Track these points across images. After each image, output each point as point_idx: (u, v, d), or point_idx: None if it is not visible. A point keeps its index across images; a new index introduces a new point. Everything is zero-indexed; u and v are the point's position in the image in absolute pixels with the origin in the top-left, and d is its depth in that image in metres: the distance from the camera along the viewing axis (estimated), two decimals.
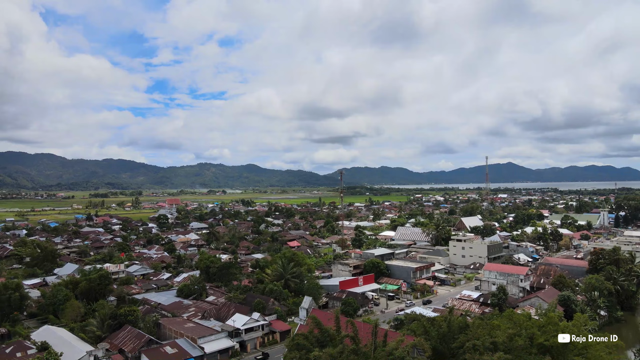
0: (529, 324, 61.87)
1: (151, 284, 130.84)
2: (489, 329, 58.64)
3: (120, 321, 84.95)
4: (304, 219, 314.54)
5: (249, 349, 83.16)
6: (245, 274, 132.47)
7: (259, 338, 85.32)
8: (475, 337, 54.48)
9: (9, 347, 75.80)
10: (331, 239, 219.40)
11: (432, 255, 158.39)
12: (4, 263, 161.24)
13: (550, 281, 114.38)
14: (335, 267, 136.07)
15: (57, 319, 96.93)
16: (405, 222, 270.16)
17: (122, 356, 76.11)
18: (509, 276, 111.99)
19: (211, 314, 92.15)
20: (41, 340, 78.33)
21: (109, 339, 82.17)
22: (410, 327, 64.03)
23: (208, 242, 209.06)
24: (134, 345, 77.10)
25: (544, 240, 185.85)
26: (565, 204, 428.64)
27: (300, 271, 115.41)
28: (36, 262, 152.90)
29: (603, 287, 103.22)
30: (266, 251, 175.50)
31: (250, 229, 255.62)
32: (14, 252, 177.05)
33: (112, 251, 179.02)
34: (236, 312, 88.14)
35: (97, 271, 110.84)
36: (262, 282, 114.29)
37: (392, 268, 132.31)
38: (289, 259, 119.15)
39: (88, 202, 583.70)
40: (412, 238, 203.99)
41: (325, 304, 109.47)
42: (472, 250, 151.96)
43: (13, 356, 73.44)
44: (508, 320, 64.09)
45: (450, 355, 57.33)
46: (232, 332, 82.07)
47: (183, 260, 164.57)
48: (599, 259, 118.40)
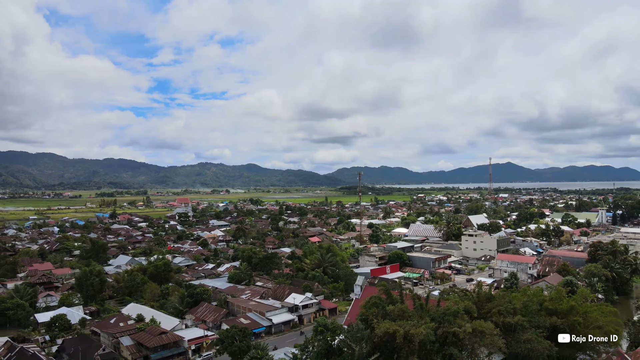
0: (542, 297, 78.58)
1: (199, 273, 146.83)
2: (509, 299, 75.09)
3: (197, 299, 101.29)
4: (318, 217, 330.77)
5: (305, 322, 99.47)
6: (284, 264, 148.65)
7: (312, 313, 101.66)
8: (499, 305, 70.89)
9: (112, 319, 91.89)
10: (348, 235, 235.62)
11: (446, 249, 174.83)
12: (56, 256, 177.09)
13: (554, 269, 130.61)
14: (363, 258, 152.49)
15: (131, 299, 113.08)
16: (415, 220, 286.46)
17: (205, 325, 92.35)
18: (519, 264, 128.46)
19: (269, 294, 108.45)
20: (127, 314, 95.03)
21: (189, 312, 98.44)
22: (448, 297, 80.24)
23: (235, 237, 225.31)
24: (215, 317, 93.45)
25: (547, 236, 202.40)
26: (565, 203, 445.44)
27: (336, 260, 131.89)
28: (89, 254, 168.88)
29: (601, 274, 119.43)
30: (293, 245, 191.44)
31: (269, 226, 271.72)
32: (63, 245, 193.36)
33: (151, 245, 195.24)
34: (291, 292, 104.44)
35: (161, 260, 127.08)
36: (303, 270, 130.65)
37: (413, 259, 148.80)
38: (326, 250, 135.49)
39: (101, 201, 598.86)
40: (425, 234, 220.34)
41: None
42: (483, 244, 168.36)
43: (117, 325, 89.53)
44: (523, 294, 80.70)
45: (480, 318, 73.58)
46: (292, 308, 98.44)
47: (219, 253, 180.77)
48: (597, 250, 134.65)
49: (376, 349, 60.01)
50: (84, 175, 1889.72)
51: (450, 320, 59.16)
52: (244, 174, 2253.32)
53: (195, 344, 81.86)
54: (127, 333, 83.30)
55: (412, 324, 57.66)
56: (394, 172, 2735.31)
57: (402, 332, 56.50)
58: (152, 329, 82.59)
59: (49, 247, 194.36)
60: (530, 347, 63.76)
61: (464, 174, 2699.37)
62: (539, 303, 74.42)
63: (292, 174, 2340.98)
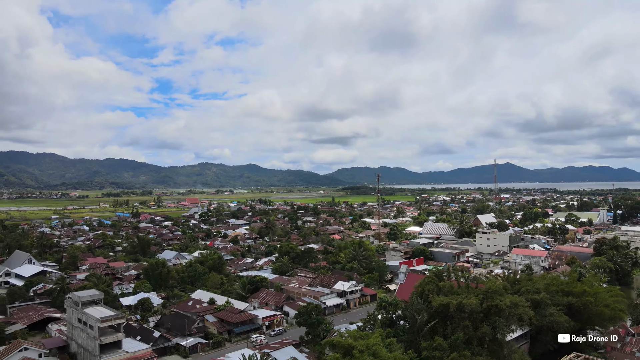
0: (559, 281, 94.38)
1: (241, 266, 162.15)
2: (533, 282, 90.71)
3: (257, 286, 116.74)
4: (332, 217, 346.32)
5: (352, 306, 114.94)
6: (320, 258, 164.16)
7: (357, 299, 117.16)
8: (526, 285, 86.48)
9: (189, 302, 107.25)
10: (366, 233, 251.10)
11: (461, 245, 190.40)
12: (103, 251, 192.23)
13: (563, 262, 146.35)
14: (389, 253, 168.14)
15: (192, 287, 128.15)
16: (426, 219, 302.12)
17: (268, 307, 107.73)
18: (532, 258, 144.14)
19: (316, 282, 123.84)
20: (194, 298, 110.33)
21: (251, 297, 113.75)
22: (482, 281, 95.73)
23: (261, 235, 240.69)
24: (277, 300, 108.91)
25: (553, 234, 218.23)
26: (567, 204, 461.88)
27: (368, 254, 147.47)
28: (136, 249, 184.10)
29: (605, 266, 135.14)
30: (319, 242, 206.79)
31: (289, 225, 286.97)
32: (105, 242, 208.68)
33: (187, 242, 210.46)
34: (338, 280, 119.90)
35: (215, 254, 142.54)
36: (339, 263, 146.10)
37: (435, 253, 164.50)
38: (358, 244, 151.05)
39: (114, 201, 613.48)
40: (438, 232, 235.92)
41: (390, 279, 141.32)
42: (496, 240, 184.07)
43: (194, 307, 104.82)
44: (542, 279, 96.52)
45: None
46: (341, 294, 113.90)
47: (252, 249, 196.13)
48: (602, 245, 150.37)
49: (432, 318, 75.48)
50: (85, 175, 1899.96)
51: (493, 296, 74.67)
52: (244, 174, 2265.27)
53: (267, 321, 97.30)
54: (210, 312, 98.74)
55: (463, 297, 73.22)
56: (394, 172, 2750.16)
57: (455, 303, 72.03)
58: (231, 309, 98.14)
59: (92, 243, 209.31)
60: (553, 320, 79.18)
61: (463, 174, 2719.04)
62: (557, 285, 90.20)
63: (292, 174, 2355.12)
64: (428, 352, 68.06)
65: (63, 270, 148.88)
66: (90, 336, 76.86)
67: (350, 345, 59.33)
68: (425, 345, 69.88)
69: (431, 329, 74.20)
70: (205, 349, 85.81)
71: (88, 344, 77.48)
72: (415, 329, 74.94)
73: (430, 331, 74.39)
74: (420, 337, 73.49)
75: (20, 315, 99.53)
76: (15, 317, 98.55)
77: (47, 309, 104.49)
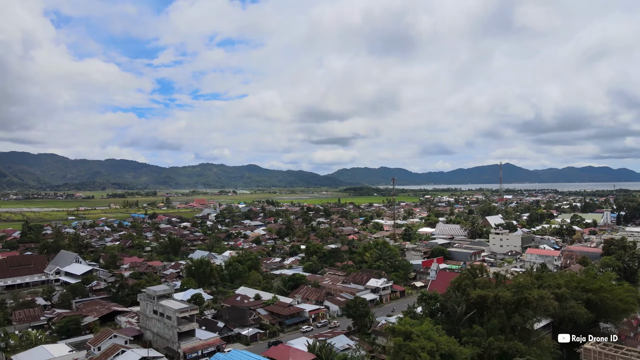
0: (577, 277, 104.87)
1: (270, 265, 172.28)
2: (554, 277, 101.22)
3: (297, 283, 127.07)
4: (343, 218, 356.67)
5: (384, 301, 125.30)
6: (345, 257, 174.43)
7: (388, 295, 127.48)
8: (548, 281, 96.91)
9: (237, 297, 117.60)
10: (380, 233, 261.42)
11: (474, 246, 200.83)
12: (135, 251, 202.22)
13: (574, 262, 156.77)
14: (409, 253, 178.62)
15: (233, 285, 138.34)
16: (436, 220, 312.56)
17: (310, 302, 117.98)
18: (546, 257, 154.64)
19: (349, 280, 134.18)
20: (240, 294, 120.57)
21: (292, 293, 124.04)
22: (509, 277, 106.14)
23: (280, 235, 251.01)
24: (317, 296, 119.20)
25: (561, 235, 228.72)
26: (569, 205, 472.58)
27: (392, 253, 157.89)
28: (167, 250, 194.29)
29: (614, 265, 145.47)
30: (339, 243, 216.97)
31: (304, 226, 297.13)
32: (135, 242, 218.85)
33: (212, 243, 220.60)
34: (370, 278, 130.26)
35: (251, 254, 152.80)
36: (366, 262, 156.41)
37: (453, 253, 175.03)
38: (383, 245, 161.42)
39: (124, 202, 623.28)
40: (451, 233, 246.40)
41: (414, 277, 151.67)
42: (509, 241, 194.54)
43: (242, 302, 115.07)
44: (562, 276, 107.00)
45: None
46: (374, 290, 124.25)
47: (276, 249, 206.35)
48: (610, 245, 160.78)
49: (470, 309, 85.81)
50: (86, 176, 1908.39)
51: (523, 290, 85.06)
52: (245, 174, 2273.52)
53: (313, 314, 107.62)
54: (260, 306, 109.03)
55: (497, 290, 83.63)
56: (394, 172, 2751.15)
57: (492, 296, 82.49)
58: (280, 303, 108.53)
59: (122, 243, 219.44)
60: (573, 311, 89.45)
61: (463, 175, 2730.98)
62: (577, 282, 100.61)
63: (292, 174, 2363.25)
64: (467, 338, 78.58)
65: (106, 269, 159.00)
66: (167, 325, 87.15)
67: (409, 331, 69.62)
68: (464, 332, 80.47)
69: (469, 319, 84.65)
70: (263, 337, 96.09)
71: (165, 332, 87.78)
72: (455, 319, 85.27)
73: (468, 320, 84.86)
74: (460, 326, 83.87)
75: (87, 309, 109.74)
76: (83, 311, 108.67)
77: (110, 303, 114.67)
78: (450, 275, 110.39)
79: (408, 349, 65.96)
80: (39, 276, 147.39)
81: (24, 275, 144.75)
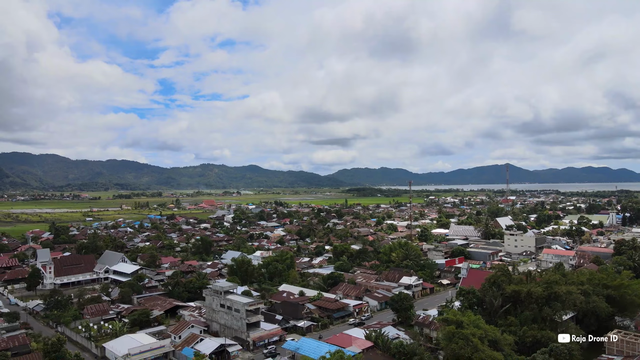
0: (598, 275, 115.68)
1: (301, 264, 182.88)
2: (577, 274, 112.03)
3: (335, 280, 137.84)
4: (357, 219, 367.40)
5: (416, 297, 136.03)
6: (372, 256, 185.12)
7: (420, 291, 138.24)
8: (572, 278, 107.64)
9: (283, 293, 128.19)
10: (396, 234, 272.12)
11: (491, 246, 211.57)
12: (169, 251, 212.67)
13: (587, 261, 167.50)
14: (431, 253, 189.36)
15: (272, 282, 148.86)
16: (447, 221, 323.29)
17: (350, 298, 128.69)
18: (562, 257, 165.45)
19: (382, 277, 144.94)
20: (285, 290, 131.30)
21: (331, 290, 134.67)
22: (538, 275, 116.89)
23: (301, 236, 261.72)
24: (357, 292, 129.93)
25: (571, 236, 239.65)
26: (574, 206, 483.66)
27: (417, 254, 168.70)
28: (200, 250, 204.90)
29: (626, 264, 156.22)
30: (361, 243, 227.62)
31: (321, 227, 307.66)
32: (165, 242, 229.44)
33: (239, 243, 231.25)
34: (402, 275, 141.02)
35: (287, 254, 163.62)
36: (393, 262, 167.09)
37: (472, 253, 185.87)
38: (406, 245, 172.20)
39: (135, 203, 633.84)
40: (464, 234, 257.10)
41: (438, 275, 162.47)
42: (523, 241, 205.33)
43: (288, 298, 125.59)
44: (582, 273, 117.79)
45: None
46: (407, 287, 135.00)
47: (301, 249, 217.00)
48: (621, 246, 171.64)
49: (505, 302, 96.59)
50: (88, 176, 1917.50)
51: (552, 285, 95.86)
52: (246, 175, 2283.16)
53: (357, 309, 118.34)
54: (307, 301, 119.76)
55: (530, 286, 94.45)
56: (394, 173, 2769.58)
57: (526, 290, 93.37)
58: (326, 299, 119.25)
59: (153, 243, 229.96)
60: (596, 306, 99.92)
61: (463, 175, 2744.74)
62: (599, 279, 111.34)
63: (293, 175, 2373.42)
64: (504, 328, 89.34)
65: (148, 268, 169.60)
66: (235, 317, 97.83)
67: (460, 320, 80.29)
68: (501, 322, 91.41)
69: (504, 311, 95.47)
70: (316, 329, 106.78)
71: (233, 323, 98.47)
72: (492, 311, 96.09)
73: (504, 312, 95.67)
74: (497, 317, 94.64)
75: (150, 303, 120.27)
76: (146, 305, 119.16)
77: (168, 298, 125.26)
78: (478, 273, 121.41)
79: (461, 335, 76.56)
80: (90, 275, 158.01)
81: (77, 274, 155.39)
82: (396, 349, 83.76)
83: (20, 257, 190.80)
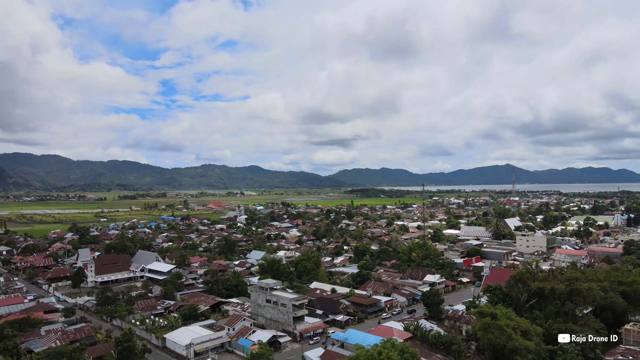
0: (613, 273, 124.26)
1: (324, 263, 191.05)
2: (595, 272, 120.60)
3: (363, 278, 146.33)
4: (367, 220, 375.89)
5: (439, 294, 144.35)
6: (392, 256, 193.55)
7: (442, 289, 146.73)
8: (590, 275, 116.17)
9: (316, 290, 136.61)
10: (408, 235, 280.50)
11: (504, 246, 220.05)
12: (193, 251, 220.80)
13: (598, 260, 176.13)
14: (447, 253, 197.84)
15: (301, 280, 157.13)
16: (456, 222, 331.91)
17: (379, 294, 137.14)
18: (574, 257, 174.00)
19: (407, 275, 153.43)
20: (318, 288, 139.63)
21: (360, 288, 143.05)
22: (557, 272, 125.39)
23: (317, 236, 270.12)
24: (385, 289, 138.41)
25: (579, 236, 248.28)
26: (577, 207, 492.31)
27: (437, 253, 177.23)
28: (223, 250, 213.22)
29: (635, 263, 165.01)
30: (377, 244, 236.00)
31: (333, 227, 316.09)
32: (188, 243, 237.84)
33: (259, 243, 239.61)
34: (425, 274, 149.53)
35: (312, 254, 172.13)
36: (413, 261, 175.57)
37: (487, 253, 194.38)
38: (425, 245, 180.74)
39: (144, 204, 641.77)
40: (475, 234, 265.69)
41: (457, 273, 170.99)
42: (535, 242, 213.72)
43: (321, 294, 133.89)
44: (597, 271, 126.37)
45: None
46: (432, 284, 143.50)
47: (321, 249, 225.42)
48: (630, 246, 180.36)
49: (530, 298, 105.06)
50: (90, 177, 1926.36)
51: (574, 282, 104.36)
52: (247, 175, 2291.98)
53: (388, 304, 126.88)
54: (341, 297, 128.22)
55: (553, 283, 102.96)
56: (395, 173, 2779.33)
57: (549, 287, 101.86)
58: (359, 295, 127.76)
59: (176, 244, 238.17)
60: (612, 301, 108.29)
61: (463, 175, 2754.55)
62: (615, 277, 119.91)
63: (294, 175, 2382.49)
64: (530, 321, 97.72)
65: (179, 267, 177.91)
66: (282, 312, 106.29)
67: (494, 312, 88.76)
68: (526, 316, 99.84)
69: (530, 306, 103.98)
70: (353, 322, 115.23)
71: (280, 317, 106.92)
72: (518, 305, 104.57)
73: (529, 307, 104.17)
74: (522, 312, 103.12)
75: (193, 299, 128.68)
76: (190, 301, 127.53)
77: (209, 295, 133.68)
78: (499, 271, 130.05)
79: (496, 325, 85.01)
80: (127, 273, 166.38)
81: (115, 272, 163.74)
82: (434, 339, 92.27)
83: (54, 256, 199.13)
